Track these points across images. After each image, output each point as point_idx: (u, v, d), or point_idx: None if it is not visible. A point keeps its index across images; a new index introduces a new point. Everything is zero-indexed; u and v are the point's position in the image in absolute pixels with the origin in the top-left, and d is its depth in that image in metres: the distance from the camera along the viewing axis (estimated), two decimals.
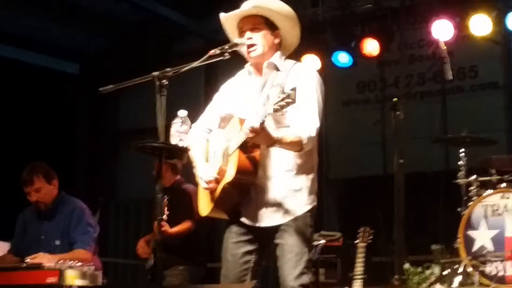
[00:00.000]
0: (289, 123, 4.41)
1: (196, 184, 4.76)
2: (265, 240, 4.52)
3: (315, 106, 4.48)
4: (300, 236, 4.43)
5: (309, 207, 4.51)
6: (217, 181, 4.47)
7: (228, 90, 4.76)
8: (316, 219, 4.60)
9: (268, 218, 4.47)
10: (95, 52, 12.28)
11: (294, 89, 3.94)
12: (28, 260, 5.64)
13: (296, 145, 4.32)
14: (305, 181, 4.53)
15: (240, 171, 4.34)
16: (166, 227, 6.71)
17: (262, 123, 4.06)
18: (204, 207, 4.64)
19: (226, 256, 4.58)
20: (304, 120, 4.39)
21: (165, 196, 5.82)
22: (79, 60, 12.38)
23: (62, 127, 11.88)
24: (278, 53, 4.64)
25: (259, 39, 4.54)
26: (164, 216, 5.89)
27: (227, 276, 4.55)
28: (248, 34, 4.53)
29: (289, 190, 4.47)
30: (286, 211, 4.45)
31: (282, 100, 3.95)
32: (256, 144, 4.34)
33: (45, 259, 5.59)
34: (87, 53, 12.26)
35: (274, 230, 4.47)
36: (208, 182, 4.49)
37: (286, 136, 4.28)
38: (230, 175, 4.36)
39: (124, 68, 11.04)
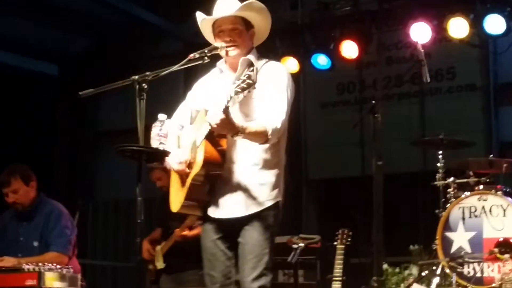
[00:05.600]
0: (257, 116, 4.42)
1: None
2: (234, 236, 4.50)
3: (283, 100, 4.46)
4: (261, 237, 4.43)
5: (271, 202, 4.49)
6: (189, 165, 4.46)
7: (200, 88, 4.79)
8: (281, 218, 4.58)
9: (230, 209, 4.47)
10: (75, 53, 12.24)
11: (254, 70, 3.97)
12: None
13: (261, 136, 4.32)
14: (270, 176, 4.51)
15: (206, 162, 4.34)
16: (186, 232, 6.70)
17: (225, 110, 4.07)
18: (175, 202, 4.63)
19: (207, 256, 4.58)
20: (271, 112, 4.38)
21: None
22: (59, 61, 12.34)
23: (41, 128, 11.83)
24: (254, 51, 4.66)
25: (238, 39, 4.56)
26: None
27: (212, 275, 4.55)
28: (227, 34, 4.55)
29: (253, 184, 4.47)
30: (249, 204, 4.44)
31: (243, 82, 3.97)
32: (222, 134, 4.34)
33: (10, 263, 5.68)
34: (67, 55, 12.22)
35: (238, 227, 4.46)
36: (179, 163, 4.50)
37: (251, 126, 4.28)
38: (197, 166, 4.37)
39: (104, 70, 11.04)
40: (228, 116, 4.11)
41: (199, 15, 4.67)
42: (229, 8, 4.57)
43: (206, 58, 4.39)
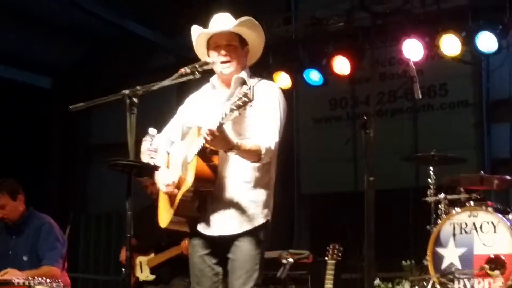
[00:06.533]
0: (250, 135, 4.42)
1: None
2: (224, 252, 4.49)
3: (276, 121, 4.48)
4: (252, 253, 4.43)
5: (263, 220, 4.49)
6: (177, 186, 4.45)
7: (192, 103, 4.78)
8: (271, 235, 4.57)
9: (223, 227, 4.45)
10: (67, 66, 12.25)
11: (250, 88, 3.95)
12: None
13: (255, 154, 4.32)
14: (262, 194, 4.51)
15: (198, 178, 4.32)
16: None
17: (220, 125, 4.06)
18: (164, 218, 4.60)
19: (194, 272, 4.57)
20: (265, 132, 4.39)
21: None
22: (51, 74, 12.34)
23: (33, 141, 11.80)
24: (247, 69, 4.66)
25: (234, 56, 4.56)
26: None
27: None
28: (223, 50, 4.54)
29: (246, 201, 4.46)
30: (240, 222, 4.44)
31: (239, 99, 3.95)
32: (215, 150, 4.33)
33: (14, 275, 5.60)
34: (59, 67, 12.22)
35: (229, 243, 4.46)
36: (167, 186, 4.48)
37: (245, 143, 4.28)
38: (189, 182, 4.34)
39: (97, 82, 11.05)
40: (223, 132, 4.11)
41: (196, 29, 4.66)
42: (226, 23, 4.57)
43: (197, 73, 4.39)
